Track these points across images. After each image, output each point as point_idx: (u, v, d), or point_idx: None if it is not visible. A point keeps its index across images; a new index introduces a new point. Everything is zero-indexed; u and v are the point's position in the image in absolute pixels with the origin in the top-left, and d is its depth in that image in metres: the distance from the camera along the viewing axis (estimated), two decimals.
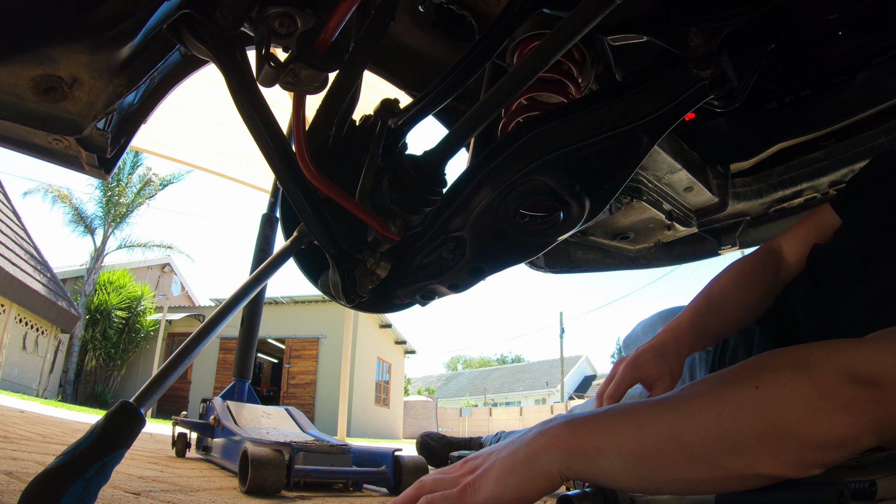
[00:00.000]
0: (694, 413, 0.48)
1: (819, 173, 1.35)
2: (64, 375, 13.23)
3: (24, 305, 10.09)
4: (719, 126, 1.31)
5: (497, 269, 0.73)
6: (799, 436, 0.44)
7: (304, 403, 13.42)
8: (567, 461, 0.50)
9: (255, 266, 2.05)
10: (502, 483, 0.51)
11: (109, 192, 15.25)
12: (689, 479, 0.48)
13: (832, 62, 1.16)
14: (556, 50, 0.59)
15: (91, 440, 0.54)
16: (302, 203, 0.67)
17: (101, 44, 0.63)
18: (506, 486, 0.51)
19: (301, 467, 1.05)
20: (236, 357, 1.99)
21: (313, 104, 0.72)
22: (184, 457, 1.77)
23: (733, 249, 1.60)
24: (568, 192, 0.68)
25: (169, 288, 19.39)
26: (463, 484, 0.53)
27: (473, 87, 1.07)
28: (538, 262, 1.59)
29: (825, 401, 0.44)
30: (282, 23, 0.61)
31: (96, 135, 0.87)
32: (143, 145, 3.27)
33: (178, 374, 0.63)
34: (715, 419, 0.46)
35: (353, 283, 0.70)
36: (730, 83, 0.69)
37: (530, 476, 0.50)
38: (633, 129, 0.69)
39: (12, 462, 1.03)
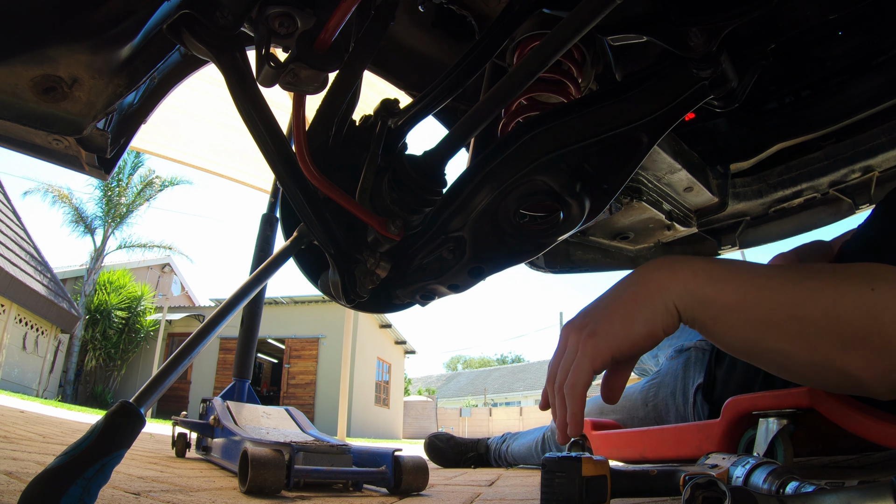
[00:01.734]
0: (813, 294, 0.47)
1: (819, 173, 1.35)
2: (64, 375, 13.23)
3: (24, 305, 10.08)
4: (719, 126, 1.31)
5: (497, 269, 0.73)
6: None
7: (304, 403, 13.42)
8: (687, 302, 0.50)
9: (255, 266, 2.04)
10: (629, 321, 0.51)
11: (110, 192, 15.25)
12: (788, 355, 0.49)
13: (832, 62, 1.16)
14: (556, 50, 0.59)
15: (91, 440, 0.53)
16: (302, 203, 0.67)
17: (101, 44, 0.63)
18: (634, 323, 0.51)
19: (301, 467, 1.05)
20: (236, 357, 1.98)
21: (313, 104, 0.72)
22: (184, 457, 1.77)
23: (733, 249, 1.60)
24: (568, 192, 0.68)
25: (169, 288, 19.39)
26: (584, 339, 0.53)
27: (473, 87, 1.07)
28: (538, 262, 1.59)
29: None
30: (282, 23, 0.61)
31: (96, 135, 0.86)
32: (143, 145, 3.27)
33: (178, 374, 0.63)
34: (832, 307, 0.46)
35: (353, 284, 0.70)
36: (730, 83, 0.69)
37: (656, 310, 0.50)
38: (633, 129, 0.69)
39: (12, 462, 1.03)
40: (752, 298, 0.49)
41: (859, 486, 0.48)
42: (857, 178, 1.34)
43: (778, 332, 0.48)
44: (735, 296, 0.49)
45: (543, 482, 0.73)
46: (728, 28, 0.62)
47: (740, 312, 0.49)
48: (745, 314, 0.49)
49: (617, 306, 0.53)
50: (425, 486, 1.17)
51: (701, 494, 0.54)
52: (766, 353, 0.50)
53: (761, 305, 0.49)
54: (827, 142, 1.32)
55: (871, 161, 1.28)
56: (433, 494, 1.17)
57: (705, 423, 1.01)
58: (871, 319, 0.45)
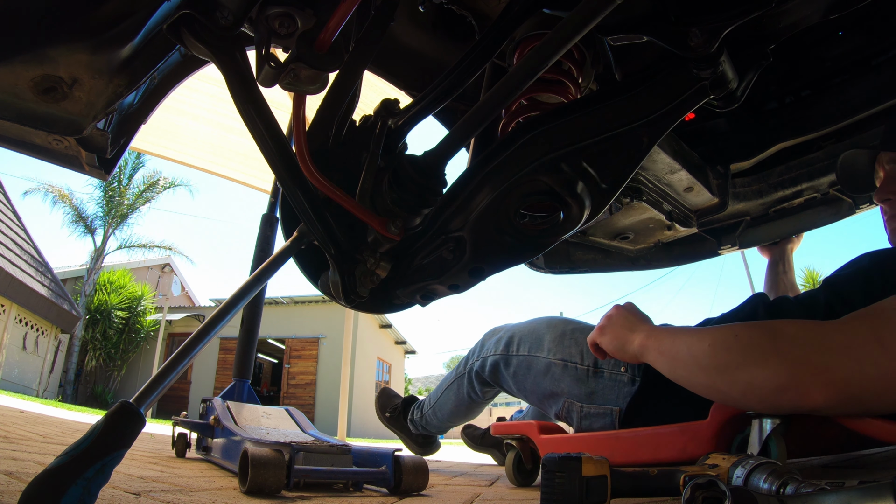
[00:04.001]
0: (694, 339, 0.87)
1: (819, 173, 1.35)
2: (64, 375, 13.23)
3: (25, 306, 10.08)
4: (719, 126, 1.31)
5: (497, 269, 0.73)
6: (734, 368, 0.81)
7: (304, 403, 13.42)
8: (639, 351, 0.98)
9: (255, 266, 2.04)
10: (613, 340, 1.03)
11: (110, 192, 15.26)
12: (699, 383, 0.87)
13: (832, 62, 1.16)
14: (556, 50, 0.59)
15: (91, 440, 0.53)
16: (302, 203, 0.67)
17: (101, 44, 0.63)
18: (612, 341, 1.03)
19: (301, 467, 1.05)
20: (236, 357, 1.98)
21: (313, 104, 0.72)
22: (184, 457, 1.77)
23: (733, 249, 1.60)
24: (568, 192, 0.68)
25: (169, 288, 19.39)
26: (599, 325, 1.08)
27: (473, 88, 1.07)
28: (538, 262, 1.59)
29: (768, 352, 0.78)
30: (282, 23, 0.61)
31: (96, 135, 0.87)
32: (144, 146, 3.27)
33: (178, 374, 0.62)
34: (704, 349, 0.84)
35: (353, 284, 0.70)
36: (730, 83, 0.69)
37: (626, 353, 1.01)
38: (633, 129, 0.69)
39: (12, 462, 1.03)
40: (670, 347, 0.91)
41: (859, 486, 0.48)
42: None
43: (679, 368, 0.89)
44: (664, 347, 0.93)
45: (543, 482, 0.73)
46: (728, 28, 0.62)
47: (665, 356, 0.92)
48: (668, 357, 0.91)
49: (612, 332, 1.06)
50: (425, 486, 1.17)
51: (701, 494, 0.54)
52: (682, 381, 0.90)
53: (667, 352, 0.91)
54: (827, 142, 1.32)
55: None
56: (433, 494, 1.17)
57: (689, 425, 1.00)
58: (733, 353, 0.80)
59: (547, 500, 0.72)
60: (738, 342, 0.80)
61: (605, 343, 1.05)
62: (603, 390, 1.31)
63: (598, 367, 1.31)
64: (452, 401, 1.73)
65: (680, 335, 0.91)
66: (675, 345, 0.90)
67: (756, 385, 0.76)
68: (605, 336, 1.05)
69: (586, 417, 1.32)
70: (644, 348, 0.96)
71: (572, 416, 1.36)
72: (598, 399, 1.31)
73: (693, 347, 0.86)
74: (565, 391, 1.36)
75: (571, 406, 1.35)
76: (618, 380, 1.28)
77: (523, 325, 1.54)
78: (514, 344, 1.50)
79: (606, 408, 1.29)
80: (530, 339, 1.48)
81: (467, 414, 1.77)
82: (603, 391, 1.31)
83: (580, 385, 1.34)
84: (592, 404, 1.32)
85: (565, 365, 1.36)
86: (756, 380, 0.76)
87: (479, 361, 1.61)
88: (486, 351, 1.59)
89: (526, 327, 1.52)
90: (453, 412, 1.76)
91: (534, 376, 1.43)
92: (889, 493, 0.45)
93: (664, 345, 0.92)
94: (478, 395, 1.66)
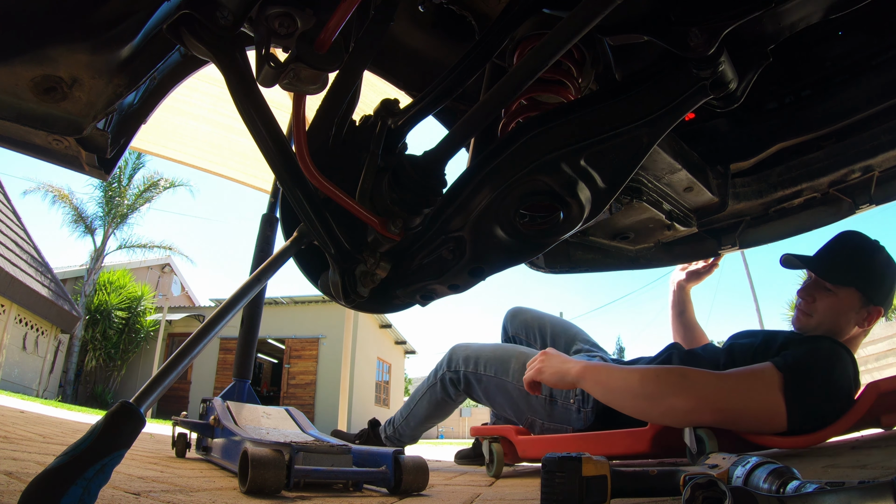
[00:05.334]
0: (627, 373, 1.29)
1: (819, 173, 1.35)
2: (64, 376, 13.22)
3: (24, 306, 10.08)
4: (719, 126, 1.31)
5: (497, 269, 0.73)
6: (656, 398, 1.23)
7: (304, 403, 13.42)
8: (580, 382, 1.35)
9: (255, 266, 2.04)
10: (553, 374, 1.41)
11: (110, 192, 15.26)
12: (629, 406, 1.29)
13: (832, 62, 1.16)
14: (556, 50, 0.59)
15: (91, 440, 0.53)
16: (302, 203, 0.67)
17: (101, 44, 0.63)
18: (553, 375, 1.41)
19: (301, 467, 1.05)
20: (236, 357, 1.98)
21: (313, 104, 0.72)
22: (184, 457, 1.77)
23: (733, 249, 1.60)
24: (568, 192, 0.68)
25: (169, 288, 19.39)
26: (536, 367, 1.46)
27: (473, 87, 1.07)
28: (538, 262, 1.59)
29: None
30: (282, 23, 0.61)
31: (96, 135, 0.87)
32: (143, 145, 3.27)
33: (178, 374, 0.62)
34: (634, 379, 1.26)
35: (353, 284, 0.70)
36: (730, 83, 0.69)
37: (565, 381, 1.39)
38: (632, 129, 0.69)
39: (12, 462, 1.03)
40: (604, 380, 1.32)
41: (859, 486, 0.48)
42: (858, 178, 1.34)
43: (619, 394, 1.29)
44: (599, 379, 1.33)
45: (544, 482, 0.73)
46: (728, 28, 0.62)
47: (601, 388, 1.32)
48: (602, 389, 1.32)
49: (553, 367, 1.43)
50: (425, 486, 1.17)
51: (701, 494, 0.54)
52: (613, 404, 1.32)
53: (611, 382, 1.31)
54: (827, 142, 1.32)
55: (871, 161, 1.28)
56: (433, 494, 1.17)
57: (635, 430, 1.37)
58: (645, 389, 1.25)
59: (547, 500, 0.72)
60: (659, 380, 1.24)
61: (547, 377, 1.43)
62: (557, 414, 1.68)
63: (552, 396, 1.68)
64: (425, 407, 2.07)
65: (613, 370, 1.34)
66: (611, 377, 1.32)
67: (672, 409, 1.20)
68: (545, 373, 1.44)
69: (545, 431, 1.70)
70: (581, 377, 1.36)
71: (535, 428, 1.74)
72: (555, 419, 1.68)
73: (626, 380, 1.29)
74: (528, 410, 1.74)
75: (534, 421, 1.74)
76: (568, 408, 1.66)
77: (488, 349, 1.91)
78: (482, 365, 1.87)
79: (561, 426, 1.67)
80: (496, 363, 1.84)
81: (440, 415, 2.10)
82: (557, 414, 1.68)
83: (540, 408, 1.70)
84: (551, 422, 1.69)
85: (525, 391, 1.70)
86: (673, 406, 1.20)
87: (451, 373, 1.95)
88: (456, 365, 1.94)
89: (491, 352, 1.89)
90: (427, 416, 2.09)
91: (502, 395, 1.80)
92: (889, 492, 0.45)
93: (600, 376, 1.34)
94: (451, 398, 2.00)
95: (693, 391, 1.20)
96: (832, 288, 1.40)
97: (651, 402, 1.24)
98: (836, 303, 1.40)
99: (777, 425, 1.19)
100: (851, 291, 1.38)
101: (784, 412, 1.17)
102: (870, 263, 1.41)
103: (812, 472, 1.04)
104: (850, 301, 1.38)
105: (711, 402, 1.19)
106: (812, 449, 1.26)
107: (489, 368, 1.85)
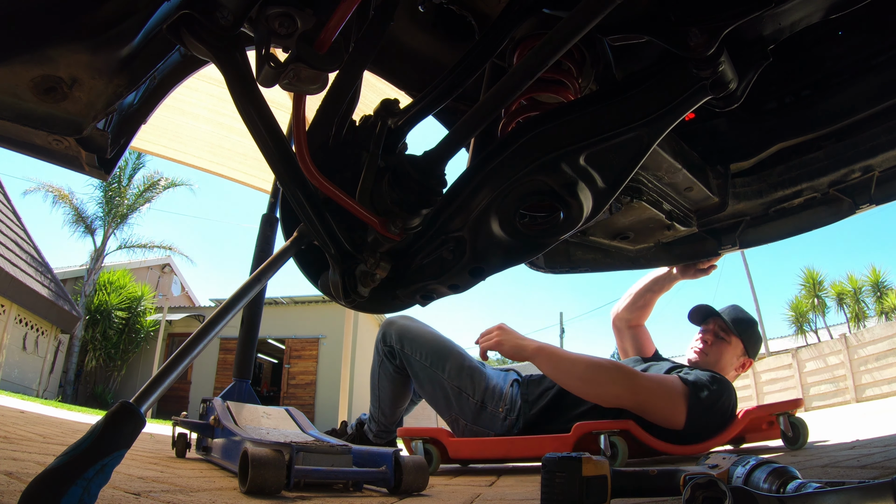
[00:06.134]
0: (574, 359, 1.71)
1: (819, 173, 1.35)
2: (64, 376, 13.22)
3: (25, 306, 10.08)
4: (719, 126, 1.30)
5: (497, 269, 0.73)
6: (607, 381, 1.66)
7: (304, 403, 13.42)
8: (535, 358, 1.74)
9: (255, 266, 2.04)
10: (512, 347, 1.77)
11: (111, 192, 15.26)
12: (571, 385, 1.68)
13: (832, 62, 1.16)
14: (556, 50, 0.59)
15: (91, 440, 0.53)
16: (302, 203, 0.67)
17: (101, 44, 0.63)
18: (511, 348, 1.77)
19: (301, 467, 1.05)
20: (236, 357, 1.98)
21: (313, 104, 0.72)
22: (184, 457, 1.77)
23: (733, 249, 1.60)
24: (568, 192, 0.68)
25: (169, 288, 19.39)
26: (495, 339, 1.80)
27: (473, 87, 1.07)
28: (538, 262, 1.59)
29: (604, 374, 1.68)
30: (282, 23, 0.61)
31: (96, 135, 0.86)
32: (144, 145, 3.27)
33: (178, 375, 0.62)
34: (580, 365, 1.67)
35: (353, 284, 0.70)
36: (730, 83, 0.69)
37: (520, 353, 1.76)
38: (632, 129, 0.69)
39: (12, 462, 1.03)
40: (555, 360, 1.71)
41: (859, 486, 0.48)
42: (858, 178, 1.34)
43: (567, 374, 1.67)
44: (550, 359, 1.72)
45: (544, 482, 0.73)
46: (728, 28, 0.62)
47: (552, 366, 1.71)
48: (552, 367, 1.70)
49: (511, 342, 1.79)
50: (425, 486, 1.17)
51: (701, 494, 0.54)
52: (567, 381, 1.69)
53: (560, 363, 1.70)
54: (827, 141, 1.32)
55: (871, 161, 1.28)
56: (433, 494, 1.17)
57: (559, 436, 1.62)
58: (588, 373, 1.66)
59: (547, 500, 0.72)
60: (600, 368, 1.66)
61: (506, 350, 1.76)
62: (484, 419, 1.84)
63: (483, 403, 1.86)
64: (388, 387, 2.08)
65: (564, 354, 1.75)
66: (562, 359, 1.71)
67: (606, 392, 1.64)
68: (504, 346, 1.77)
69: (467, 433, 1.88)
70: (537, 354, 1.73)
71: (458, 427, 1.91)
72: (481, 423, 1.85)
73: (574, 364, 1.68)
74: (456, 409, 1.90)
75: (458, 420, 1.90)
76: (496, 415, 1.84)
77: (426, 336, 1.98)
78: (418, 351, 1.95)
79: (484, 430, 1.84)
80: (433, 356, 1.94)
81: (405, 392, 2.12)
82: (484, 420, 1.84)
83: (469, 411, 1.87)
84: (475, 425, 1.86)
85: (460, 392, 1.88)
86: (607, 390, 1.64)
87: (387, 348, 2.02)
88: (390, 340, 2.00)
89: (429, 340, 1.96)
90: (394, 396, 2.10)
91: (432, 385, 1.94)
92: (889, 492, 0.45)
93: (553, 357, 1.72)
94: (401, 371, 2.03)
95: (623, 382, 1.62)
96: (726, 337, 1.93)
97: (590, 384, 1.65)
98: (727, 348, 1.93)
99: (676, 423, 1.60)
100: (738, 342, 1.93)
101: (684, 414, 1.60)
102: (753, 328, 1.99)
103: (812, 472, 1.04)
104: (736, 349, 1.93)
105: (634, 392, 1.61)
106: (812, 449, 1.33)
107: (425, 357, 1.93)
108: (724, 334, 1.94)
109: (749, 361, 1.96)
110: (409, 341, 1.96)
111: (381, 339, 2.05)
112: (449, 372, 1.89)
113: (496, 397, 1.84)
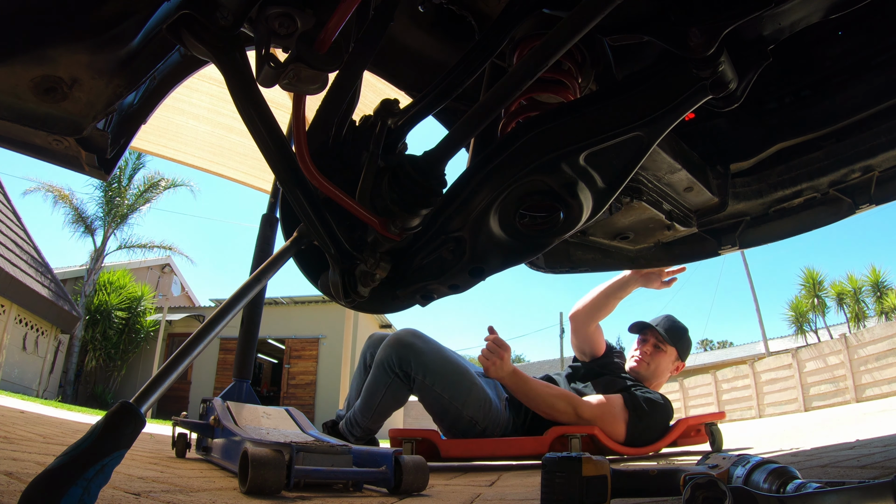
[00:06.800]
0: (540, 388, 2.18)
1: (819, 173, 1.35)
2: (64, 376, 13.22)
3: (24, 306, 10.08)
4: (719, 126, 1.30)
5: (497, 269, 0.73)
6: (559, 409, 2.15)
7: (304, 404, 13.41)
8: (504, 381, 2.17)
9: (255, 266, 2.04)
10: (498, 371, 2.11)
11: (111, 192, 15.26)
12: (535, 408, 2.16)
13: (832, 62, 1.16)
14: (555, 50, 0.59)
15: (91, 440, 0.53)
16: (302, 203, 0.67)
17: (101, 44, 0.63)
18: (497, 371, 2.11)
19: (301, 467, 1.05)
20: (236, 357, 1.98)
21: (313, 104, 0.72)
22: (184, 457, 1.77)
23: (733, 249, 1.60)
24: (568, 192, 0.68)
25: (169, 288, 19.39)
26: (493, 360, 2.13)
27: (473, 87, 1.07)
28: (538, 262, 1.59)
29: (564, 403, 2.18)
30: (282, 23, 0.61)
31: (96, 135, 0.87)
32: (144, 145, 3.27)
33: (178, 375, 0.62)
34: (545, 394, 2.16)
35: (353, 284, 0.70)
36: (730, 83, 0.69)
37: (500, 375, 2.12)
38: (632, 129, 0.69)
39: (12, 462, 1.03)
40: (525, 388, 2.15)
41: (859, 486, 0.48)
42: (858, 178, 1.34)
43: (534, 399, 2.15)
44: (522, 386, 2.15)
45: (544, 482, 0.73)
46: (727, 28, 0.62)
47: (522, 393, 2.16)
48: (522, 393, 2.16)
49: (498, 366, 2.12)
50: (425, 486, 1.17)
51: (701, 494, 0.54)
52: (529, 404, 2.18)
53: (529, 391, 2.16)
54: (827, 142, 1.32)
55: (871, 161, 1.28)
56: (433, 494, 1.17)
57: (537, 437, 2.04)
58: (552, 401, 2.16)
59: (547, 500, 0.72)
60: (558, 398, 2.14)
61: (492, 372, 2.10)
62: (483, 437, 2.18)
63: (486, 429, 2.13)
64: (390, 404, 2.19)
65: (532, 381, 2.17)
66: (529, 385, 2.14)
67: (562, 414, 2.11)
68: (490, 371, 2.10)
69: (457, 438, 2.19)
70: (510, 376, 2.11)
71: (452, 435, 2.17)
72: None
73: (538, 391, 2.14)
74: (460, 429, 2.14)
75: (456, 433, 2.16)
76: (493, 434, 2.15)
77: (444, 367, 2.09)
78: (439, 383, 2.07)
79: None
80: (452, 389, 2.08)
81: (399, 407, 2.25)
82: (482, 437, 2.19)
83: (471, 432, 2.14)
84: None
85: (471, 420, 2.12)
86: (563, 412, 2.12)
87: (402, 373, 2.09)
88: (407, 367, 2.07)
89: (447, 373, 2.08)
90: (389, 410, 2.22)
91: (443, 412, 2.13)
92: (889, 492, 0.45)
93: (521, 383, 2.14)
94: (410, 391, 2.16)
95: (574, 409, 2.12)
96: (663, 347, 2.42)
97: (550, 409, 2.12)
98: (664, 356, 2.43)
99: (618, 437, 2.12)
100: (673, 350, 2.44)
101: (624, 432, 2.14)
102: (685, 336, 2.48)
103: (812, 472, 1.04)
104: (671, 356, 2.44)
105: (579, 416, 2.11)
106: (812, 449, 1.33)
107: (445, 390, 2.08)
108: (662, 345, 2.42)
109: (682, 364, 2.49)
110: (432, 375, 2.06)
111: (395, 363, 2.08)
112: (470, 404, 2.10)
113: (498, 422, 2.16)
